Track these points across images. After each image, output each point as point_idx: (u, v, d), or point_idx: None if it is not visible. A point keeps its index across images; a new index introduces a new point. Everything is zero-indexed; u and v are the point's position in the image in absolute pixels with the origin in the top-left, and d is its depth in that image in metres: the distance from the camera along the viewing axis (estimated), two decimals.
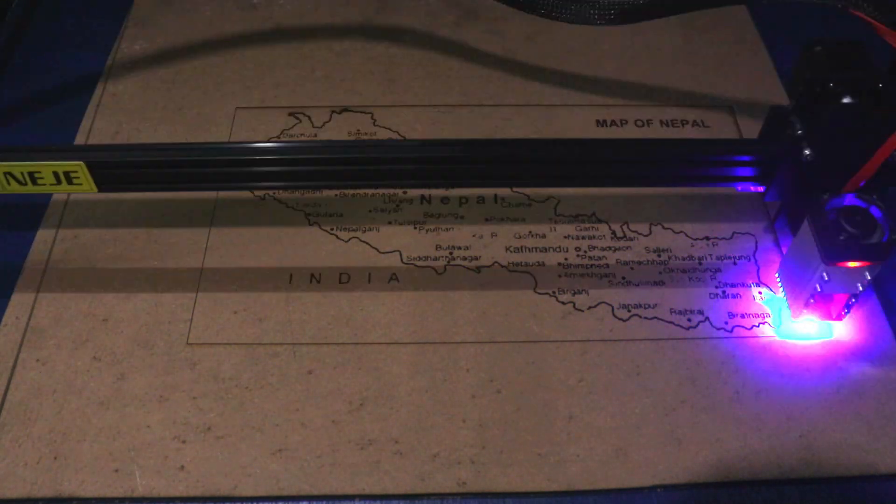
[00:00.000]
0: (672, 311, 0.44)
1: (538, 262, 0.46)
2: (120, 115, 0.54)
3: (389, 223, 0.48)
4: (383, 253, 0.47)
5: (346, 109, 0.55)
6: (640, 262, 0.46)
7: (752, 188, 0.43)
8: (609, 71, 0.58)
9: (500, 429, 0.40)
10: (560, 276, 0.46)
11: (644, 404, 0.41)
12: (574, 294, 0.45)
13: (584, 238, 0.47)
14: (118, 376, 0.41)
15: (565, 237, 0.47)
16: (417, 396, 0.41)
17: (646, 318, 0.44)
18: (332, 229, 0.48)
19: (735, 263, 0.46)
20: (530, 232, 0.48)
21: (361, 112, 0.55)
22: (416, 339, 0.43)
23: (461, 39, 0.60)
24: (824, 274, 0.38)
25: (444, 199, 0.49)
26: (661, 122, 0.54)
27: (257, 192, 0.49)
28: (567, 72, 0.58)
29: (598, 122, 0.54)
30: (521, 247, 0.47)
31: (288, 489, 0.38)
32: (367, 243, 0.47)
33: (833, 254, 0.37)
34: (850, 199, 0.38)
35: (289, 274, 0.46)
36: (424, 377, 0.42)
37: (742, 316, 0.44)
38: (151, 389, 0.41)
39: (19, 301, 0.44)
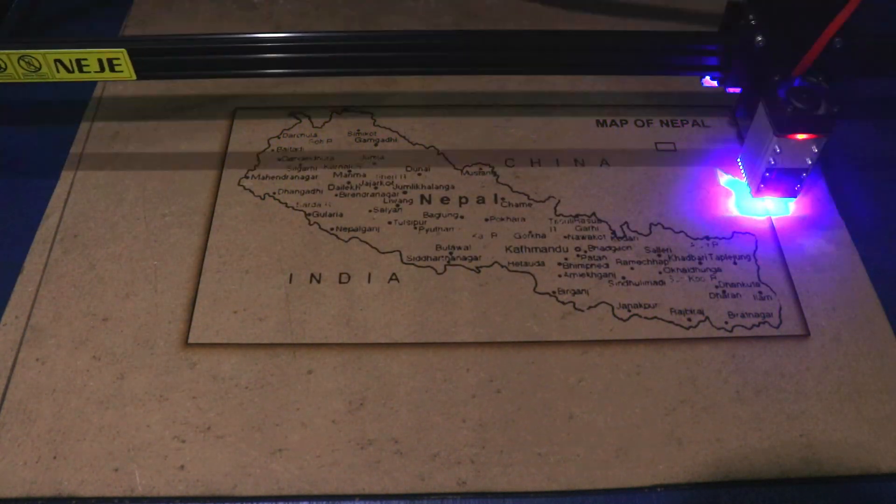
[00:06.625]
0: (672, 311, 0.44)
1: (538, 262, 0.46)
2: (119, 114, 0.54)
3: (389, 223, 0.48)
4: (383, 253, 0.47)
5: (346, 109, 0.55)
6: (640, 262, 0.46)
7: (713, 79, 0.48)
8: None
9: (500, 429, 0.40)
10: (560, 276, 0.46)
11: (644, 404, 0.41)
12: (574, 294, 0.45)
13: (584, 238, 0.47)
14: (118, 376, 0.41)
15: (565, 237, 0.47)
16: (417, 396, 0.41)
17: (646, 318, 0.44)
18: (332, 229, 0.48)
19: (735, 263, 0.46)
20: (530, 232, 0.48)
21: (361, 112, 0.55)
22: (416, 339, 0.43)
23: None
24: (776, 147, 0.44)
25: (444, 199, 0.49)
26: (661, 122, 0.54)
27: (257, 193, 0.49)
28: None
29: (597, 122, 0.54)
30: (521, 247, 0.47)
31: (288, 489, 0.38)
32: (367, 243, 0.47)
33: (783, 126, 0.43)
34: (798, 81, 0.43)
35: (289, 274, 0.46)
36: (424, 377, 0.41)
37: (742, 316, 0.44)
38: (151, 389, 0.41)
39: (19, 300, 0.44)
